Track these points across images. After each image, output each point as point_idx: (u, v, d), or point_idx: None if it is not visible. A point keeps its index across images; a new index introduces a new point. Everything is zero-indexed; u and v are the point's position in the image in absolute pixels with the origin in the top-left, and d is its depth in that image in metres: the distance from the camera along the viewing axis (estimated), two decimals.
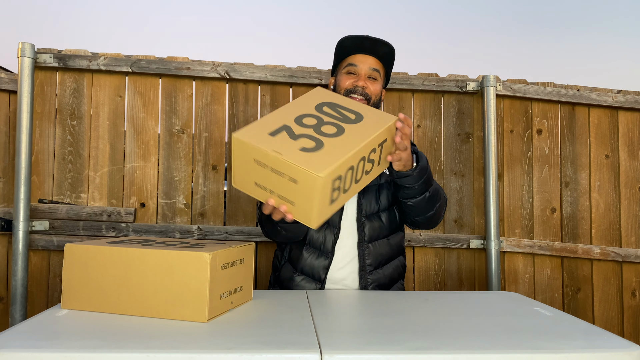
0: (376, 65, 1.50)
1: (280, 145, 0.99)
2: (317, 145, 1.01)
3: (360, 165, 1.08)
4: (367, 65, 1.49)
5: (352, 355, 0.80)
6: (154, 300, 1.00)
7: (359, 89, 1.47)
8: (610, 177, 2.47)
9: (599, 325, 2.40)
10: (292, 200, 1.02)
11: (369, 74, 1.49)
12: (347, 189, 1.09)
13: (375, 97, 1.50)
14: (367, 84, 1.48)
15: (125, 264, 1.02)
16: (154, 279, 1.00)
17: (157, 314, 0.99)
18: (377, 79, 1.50)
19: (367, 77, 1.49)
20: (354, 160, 1.04)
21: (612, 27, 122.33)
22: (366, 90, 1.47)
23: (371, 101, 1.49)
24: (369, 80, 1.49)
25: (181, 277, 0.98)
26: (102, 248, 1.04)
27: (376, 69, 1.50)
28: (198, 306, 0.97)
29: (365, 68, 1.49)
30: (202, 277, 0.97)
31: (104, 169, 2.23)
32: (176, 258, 0.99)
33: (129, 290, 1.01)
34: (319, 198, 0.97)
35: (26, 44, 2.11)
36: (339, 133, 1.06)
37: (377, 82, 1.51)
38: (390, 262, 1.53)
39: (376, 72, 1.50)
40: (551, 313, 1.09)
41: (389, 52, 1.53)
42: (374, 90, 1.49)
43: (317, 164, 0.96)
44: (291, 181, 0.98)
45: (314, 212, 1.00)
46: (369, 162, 1.12)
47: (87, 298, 1.04)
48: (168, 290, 0.99)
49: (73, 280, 1.05)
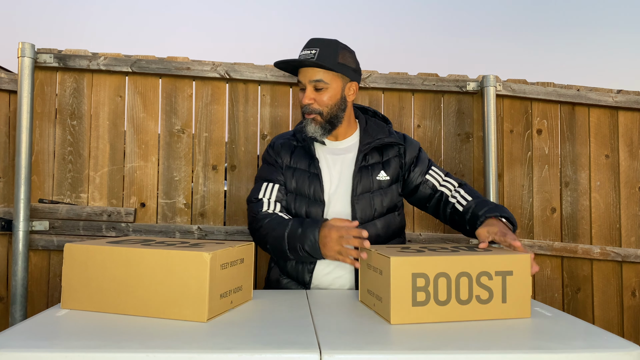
0: (317, 74, 1.42)
1: None
2: None
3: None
4: (307, 78, 1.44)
5: (351, 355, 0.80)
6: (154, 300, 1.00)
7: (307, 107, 1.45)
8: (610, 177, 2.47)
9: (599, 325, 2.40)
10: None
11: (313, 86, 1.44)
12: None
13: (326, 106, 1.45)
14: (312, 98, 1.44)
15: (125, 263, 1.02)
16: (153, 278, 1.00)
17: (157, 313, 0.99)
18: (323, 88, 1.43)
19: (312, 90, 1.44)
20: None
21: (612, 27, 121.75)
22: (313, 107, 1.45)
23: (325, 113, 1.45)
24: (315, 93, 1.44)
25: (181, 276, 0.98)
26: (102, 248, 1.04)
27: (317, 79, 1.42)
28: (198, 306, 0.97)
29: (307, 82, 1.44)
30: (202, 276, 0.97)
31: (104, 169, 2.23)
32: (176, 258, 0.99)
33: (128, 290, 1.01)
34: None
35: (26, 44, 2.11)
36: None
37: (326, 91, 1.44)
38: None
39: (319, 82, 1.43)
40: (551, 313, 1.09)
41: (326, 51, 1.42)
42: (324, 101, 1.44)
43: None
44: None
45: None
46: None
47: (87, 298, 1.04)
48: (168, 290, 0.99)
49: (73, 280, 1.05)
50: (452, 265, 0.99)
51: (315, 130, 1.47)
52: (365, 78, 2.34)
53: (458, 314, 1.00)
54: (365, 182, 1.49)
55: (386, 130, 1.58)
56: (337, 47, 1.44)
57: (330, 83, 1.44)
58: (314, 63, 1.41)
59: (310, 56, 1.41)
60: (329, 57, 1.42)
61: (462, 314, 1.00)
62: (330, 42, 1.44)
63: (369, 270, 1.12)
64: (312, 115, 1.46)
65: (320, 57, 1.41)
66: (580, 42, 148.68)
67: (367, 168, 1.51)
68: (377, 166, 1.52)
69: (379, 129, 1.57)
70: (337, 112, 1.48)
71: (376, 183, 1.50)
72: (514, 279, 1.02)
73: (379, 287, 1.04)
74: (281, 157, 1.55)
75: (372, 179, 1.50)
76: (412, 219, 2.37)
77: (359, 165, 1.50)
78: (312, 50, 1.42)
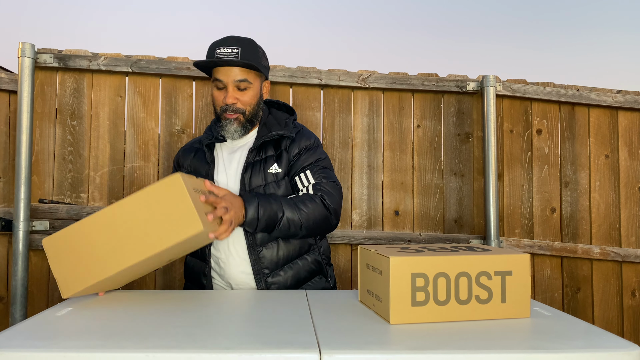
0: (241, 75, 1.42)
1: None
2: None
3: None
4: (230, 78, 1.42)
5: (351, 355, 0.80)
6: (149, 237, 1.03)
7: (230, 107, 1.44)
8: (610, 177, 2.47)
9: (599, 325, 2.40)
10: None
11: (237, 86, 1.43)
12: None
13: (250, 106, 1.46)
14: (236, 98, 1.43)
15: (106, 224, 1.05)
16: (139, 220, 1.04)
17: (159, 246, 1.03)
18: (247, 87, 1.44)
19: (235, 90, 1.43)
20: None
21: (612, 26, 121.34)
22: (238, 105, 1.44)
23: (247, 112, 1.46)
24: (239, 92, 1.44)
25: (163, 204, 1.04)
26: (76, 225, 1.07)
27: (242, 79, 1.42)
28: (189, 218, 1.03)
29: (230, 82, 1.42)
30: (181, 192, 1.03)
31: (104, 169, 2.23)
32: (152, 192, 1.04)
33: (121, 243, 1.04)
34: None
35: (26, 44, 2.11)
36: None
37: (249, 90, 1.45)
38: (292, 263, 1.48)
39: (244, 81, 1.42)
40: (550, 313, 1.09)
41: (248, 50, 1.42)
42: (247, 101, 1.45)
43: None
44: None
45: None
46: None
47: (84, 275, 1.06)
48: (157, 221, 1.03)
49: (62, 268, 1.07)
50: (452, 265, 1.00)
51: (235, 131, 1.46)
52: (365, 78, 2.35)
53: (457, 314, 1.00)
54: (257, 177, 1.46)
55: (284, 122, 1.54)
56: (256, 46, 1.46)
57: (253, 82, 1.45)
58: (245, 63, 1.40)
59: (233, 55, 1.39)
60: (253, 56, 1.42)
61: (461, 314, 1.00)
62: (250, 40, 1.45)
63: (368, 270, 1.12)
64: (235, 115, 1.44)
65: (244, 57, 1.40)
66: (580, 42, 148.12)
67: (259, 162, 1.48)
68: (271, 159, 1.49)
69: (277, 122, 1.54)
70: (257, 111, 1.49)
71: (269, 176, 1.47)
72: (513, 279, 1.02)
73: (379, 287, 1.04)
74: (181, 164, 1.60)
75: (264, 173, 1.47)
76: (412, 219, 2.37)
77: (248, 161, 1.47)
78: (232, 49, 1.40)
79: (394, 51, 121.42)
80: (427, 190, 2.39)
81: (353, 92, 2.38)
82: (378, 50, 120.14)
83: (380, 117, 2.39)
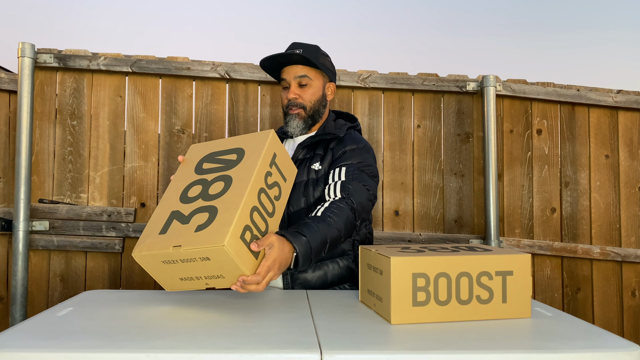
0: (302, 71, 1.51)
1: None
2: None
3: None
4: (292, 75, 1.51)
5: (352, 355, 0.80)
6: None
7: (292, 101, 1.51)
8: (610, 177, 2.47)
9: (599, 325, 2.40)
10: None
11: (298, 82, 1.51)
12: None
13: (310, 102, 1.52)
14: (297, 93, 1.51)
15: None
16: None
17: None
18: (307, 84, 1.51)
19: (297, 86, 1.52)
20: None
21: (612, 27, 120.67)
22: (299, 100, 1.51)
23: (308, 107, 1.52)
24: (300, 89, 1.52)
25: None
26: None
27: (302, 75, 1.51)
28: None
29: (291, 78, 1.51)
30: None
31: (104, 169, 2.23)
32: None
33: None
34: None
35: (26, 44, 2.11)
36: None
37: (309, 87, 1.52)
38: (321, 263, 1.45)
39: (304, 77, 1.51)
40: (551, 313, 1.09)
41: (309, 51, 1.50)
42: (307, 97, 1.52)
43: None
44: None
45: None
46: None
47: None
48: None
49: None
50: (453, 265, 1.00)
51: (297, 126, 1.52)
52: (365, 78, 2.34)
53: (458, 314, 1.00)
54: (301, 173, 1.50)
55: (340, 126, 1.56)
56: (318, 50, 1.55)
57: (313, 80, 1.52)
58: (301, 56, 1.47)
59: (295, 55, 1.48)
60: (313, 56, 1.50)
61: (462, 314, 1.00)
62: (314, 45, 1.54)
63: (369, 270, 1.12)
64: (296, 109, 1.51)
65: (312, 51, 1.50)
66: (581, 42, 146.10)
67: (307, 160, 1.52)
68: (317, 157, 1.52)
69: (335, 127, 1.56)
70: (319, 108, 1.55)
71: (311, 173, 1.49)
72: (514, 279, 1.02)
73: (379, 287, 1.04)
74: None
75: (308, 169, 1.50)
76: (412, 219, 2.37)
77: (297, 157, 1.52)
78: (294, 50, 1.49)
79: (394, 51, 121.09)
80: (427, 190, 2.39)
81: (353, 92, 2.38)
82: (378, 50, 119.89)
83: (380, 117, 2.39)
